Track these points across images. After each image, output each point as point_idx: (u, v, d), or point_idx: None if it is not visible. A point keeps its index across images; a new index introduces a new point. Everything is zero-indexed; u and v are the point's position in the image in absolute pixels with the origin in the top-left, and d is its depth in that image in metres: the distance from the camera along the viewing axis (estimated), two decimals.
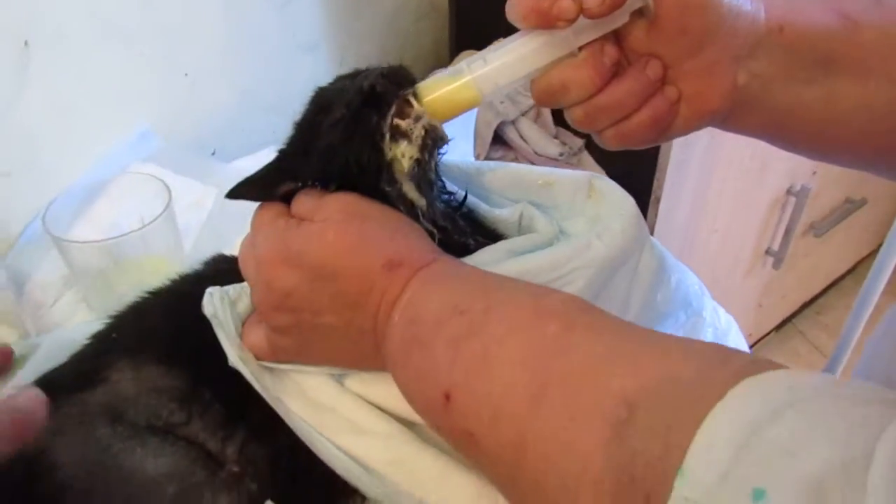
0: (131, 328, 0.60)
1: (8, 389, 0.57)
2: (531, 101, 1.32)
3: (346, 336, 0.50)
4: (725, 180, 1.44)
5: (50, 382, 0.57)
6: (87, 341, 0.61)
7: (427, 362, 0.43)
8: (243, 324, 0.57)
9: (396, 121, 0.50)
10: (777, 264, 1.70)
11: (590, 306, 0.41)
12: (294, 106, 0.57)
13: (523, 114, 1.30)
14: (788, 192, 1.58)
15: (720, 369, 0.32)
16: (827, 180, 1.65)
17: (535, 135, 1.28)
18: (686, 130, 0.53)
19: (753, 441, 0.27)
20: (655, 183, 1.30)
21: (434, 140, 0.51)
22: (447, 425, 0.41)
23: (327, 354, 0.52)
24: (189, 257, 0.78)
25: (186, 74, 0.99)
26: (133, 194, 0.83)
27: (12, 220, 0.85)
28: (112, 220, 0.79)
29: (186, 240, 0.84)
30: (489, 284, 0.45)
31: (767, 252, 1.70)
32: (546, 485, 0.35)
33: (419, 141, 0.50)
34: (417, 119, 0.50)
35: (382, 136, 0.50)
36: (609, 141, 0.52)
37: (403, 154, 0.50)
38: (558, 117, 1.35)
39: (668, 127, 0.52)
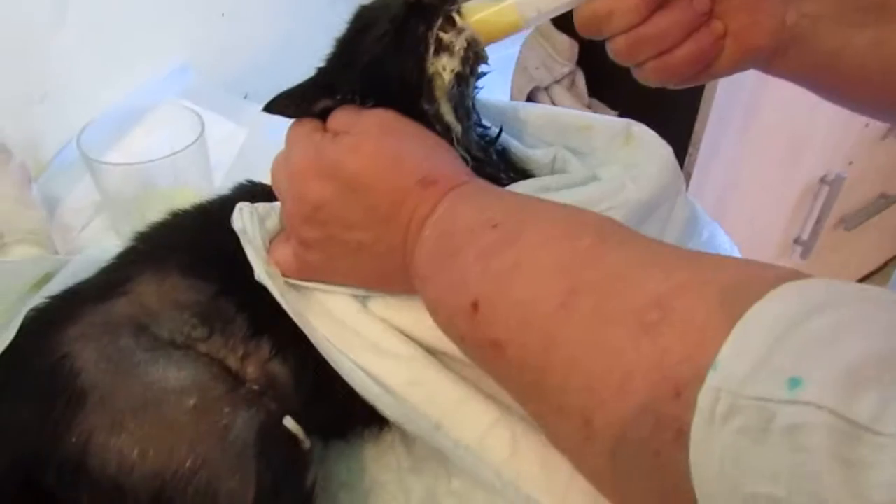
0: (157, 240, 0.60)
1: (37, 299, 0.58)
2: (566, 69, 1.31)
3: (374, 253, 0.49)
4: (759, 163, 1.41)
5: (76, 293, 0.58)
6: (113, 257, 0.61)
7: (456, 273, 0.42)
8: (271, 241, 0.57)
9: (440, 34, 0.50)
10: (805, 254, 1.67)
11: (623, 226, 0.40)
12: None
13: (557, 81, 1.29)
14: (822, 180, 1.55)
15: (760, 274, 0.31)
16: (862, 172, 1.62)
17: (568, 103, 1.27)
18: (729, 69, 0.51)
19: (791, 333, 0.26)
20: (688, 159, 1.28)
21: (475, 55, 0.50)
22: (473, 335, 0.41)
23: (354, 272, 0.52)
24: (218, 192, 0.78)
25: (223, 14, 0.99)
26: (166, 125, 0.82)
27: (46, 144, 0.85)
28: (144, 149, 0.79)
29: (216, 175, 0.84)
30: (523, 203, 0.44)
31: (796, 241, 1.67)
32: (571, 387, 0.34)
33: (461, 53, 0.50)
34: (460, 32, 0.49)
35: (427, 47, 0.50)
36: (649, 74, 0.51)
37: (445, 67, 0.50)
38: (593, 87, 1.34)
39: (712, 64, 0.51)
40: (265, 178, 0.59)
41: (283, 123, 0.56)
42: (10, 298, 0.62)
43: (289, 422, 0.51)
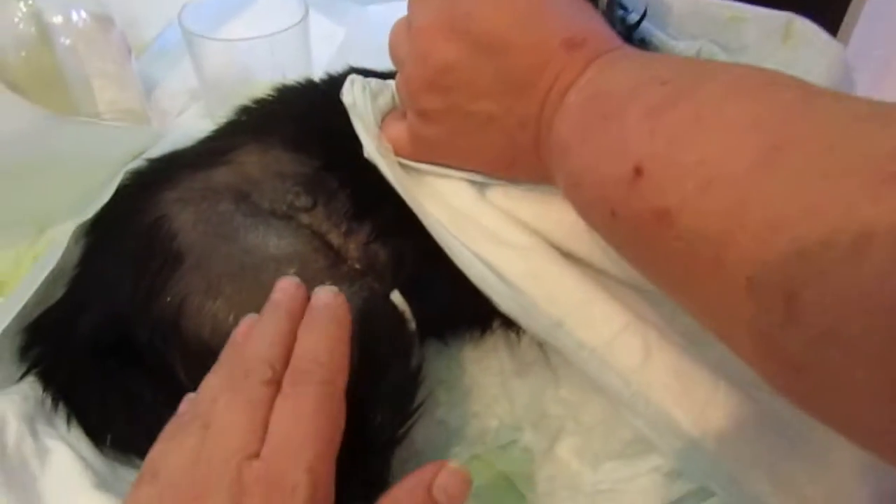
0: (261, 113, 0.55)
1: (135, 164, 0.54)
2: None
3: (502, 127, 0.43)
4: None
5: (174, 159, 0.54)
6: (215, 128, 0.57)
7: (612, 137, 0.36)
8: (383, 120, 0.52)
9: None
10: None
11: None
12: None
13: None
14: None
15: None
16: None
17: None
18: None
19: None
20: None
21: None
22: (631, 207, 0.34)
23: (476, 151, 0.46)
24: None
25: None
26: (269, 16, 0.78)
27: (147, 25, 0.82)
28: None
29: (315, 74, 0.80)
30: (695, 63, 0.38)
31: None
32: (770, 257, 0.28)
33: None
34: None
35: None
36: None
37: None
38: None
39: None
40: None
41: (382, 24, 0.51)
42: (107, 164, 0.59)
43: (396, 297, 0.47)
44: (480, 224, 0.47)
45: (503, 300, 0.45)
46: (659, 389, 0.41)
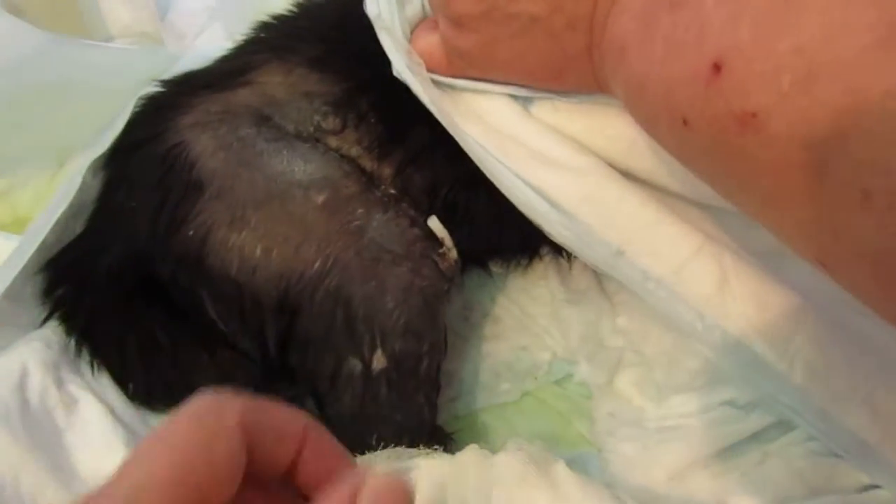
0: (283, 30, 0.49)
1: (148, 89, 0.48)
2: None
3: (548, 30, 0.36)
4: None
5: (189, 81, 0.48)
6: (233, 47, 0.51)
7: (683, 27, 0.29)
8: (412, 32, 0.45)
9: None
10: None
11: None
12: None
13: None
14: None
15: None
16: None
17: None
18: None
19: None
20: None
21: None
22: (709, 113, 0.28)
23: (519, 60, 0.39)
24: None
25: None
26: None
27: None
28: None
29: None
30: None
31: None
32: (889, 163, 0.22)
33: None
34: None
35: None
36: None
37: None
38: None
39: None
40: None
41: None
42: (122, 90, 0.53)
43: (434, 223, 0.41)
44: (526, 144, 0.41)
45: (554, 228, 0.39)
46: (737, 319, 0.36)
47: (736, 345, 0.36)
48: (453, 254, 0.43)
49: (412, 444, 0.38)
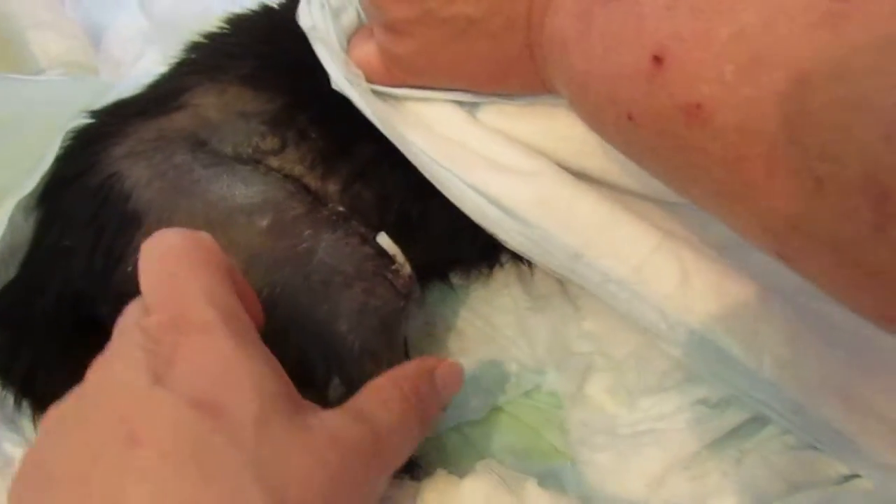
0: (213, 49, 0.46)
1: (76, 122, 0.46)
2: None
3: (486, 31, 0.35)
4: None
5: (120, 110, 0.46)
6: (163, 71, 0.49)
7: (620, 20, 0.28)
8: (349, 41, 0.43)
9: None
10: None
11: None
12: None
13: None
14: None
15: None
16: None
17: None
18: None
19: None
20: None
21: None
22: (652, 107, 0.27)
23: (458, 65, 0.37)
24: None
25: None
26: None
27: None
28: None
29: None
30: None
31: None
32: (840, 149, 0.21)
33: None
34: None
35: None
36: None
37: None
38: None
39: None
40: None
41: None
42: (53, 125, 0.51)
43: (383, 239, 0.40)
44: (474, 150, 0.39)
45: (509, 235, 0.38)
46: (701, 316, 0.34)
47: (701, 342, 0.34)
48: (407, 269, 0.41)
49: None
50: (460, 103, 0.40)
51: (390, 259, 0.41)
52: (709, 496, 0.36)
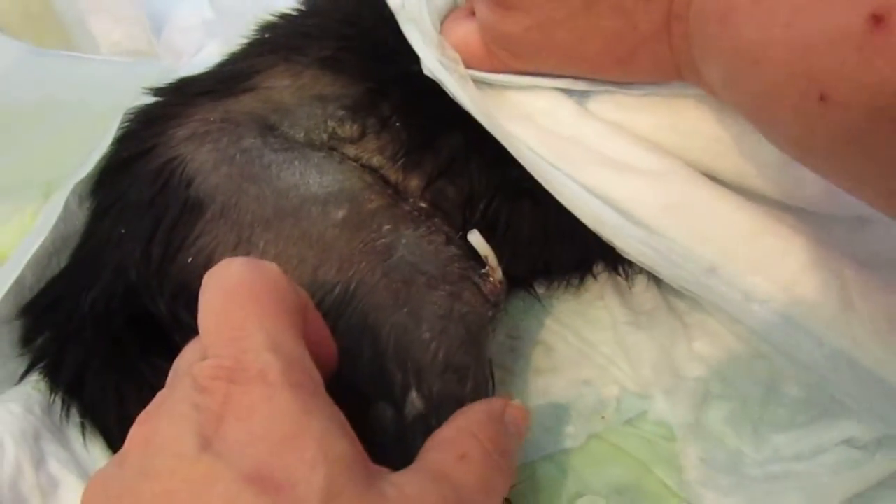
0: (289, 27, 0.38)
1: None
2: None
3: (616, 5, 0.27)
4: None
5: (184, 88, 0.38)
6: (233, 51, 0.41)
7: None
8: (442, 22, 0.35)
9: None
10: None
11: None
12: None
13: None
14: None
15: None
16: None
17: None
18: None
19: None
20: None
21: None
22: (862, 82, 0.19)
23: (576, 45, 0.29)
24: None
25: None
26: None
27: None
28: None
29: None
30: None
31: None
32: None
33: None
34: None
35: None
36: None
37: None
38: None
39: None
40: None
41: None
42: (113, 106, 0.43)
43: (476, 238, 0.31)
44: (588, 146, 0.31)
45: (629, 244, 0.29)
46: (868, 345, 0.26)
47: (868, 376, 0.26)
48: (498, 274, 0.33)
49: None
50: (569, 93, 0.32)
51: (480, 262, 0.33)
52: None
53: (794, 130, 0.24)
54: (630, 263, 0.34)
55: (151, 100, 0.37)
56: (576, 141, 0.31)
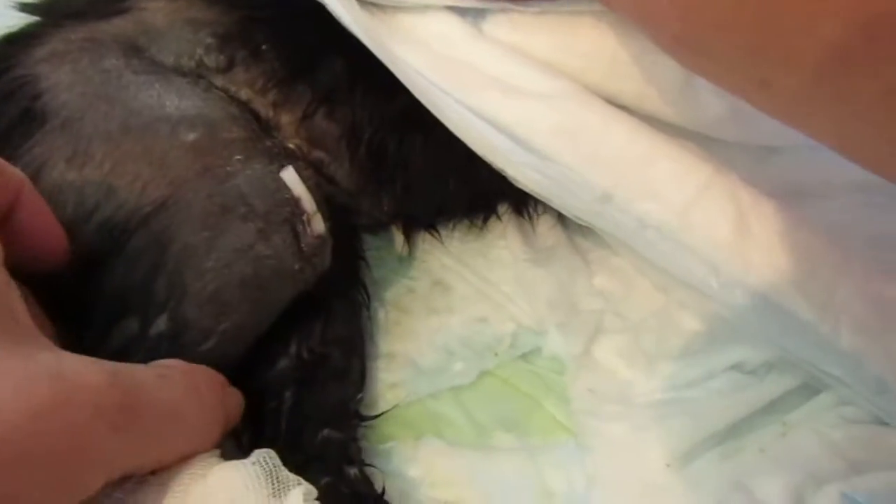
0: None
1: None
2: None
3: None
4: None
5: (53, 6, 0.31)
6: None
7: None
8: None
9: None
10: None
11: None
12: None
13: None
14: None
15: None
16: None
17: None
18: None
19: None
20: None
21: None
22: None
23: None
24: None
25: None
26: None
27: None
28: None
29: None
30: None
31: None
32: None
33: None
34: None
35: None
36: None
37: None
38: None
39: None
40: None
41: None
42: None
43: (289, 174, 0.25)
44: (480, 69, 0.25)
45: (521, 171, 0.24)
46: (763, 270, 0.22)
47: (762, 303, 0.22)
48: (319, 225, 0.26)
49: None
50: (462, 14, 0.27)
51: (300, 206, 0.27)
52: (747, 476, 0.24)
53: (674, 25, 0.19)
54: (535, 204, 0.30)
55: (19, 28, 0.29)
56: (468, 64, 0.26)
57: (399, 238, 0.32)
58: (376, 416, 0.27)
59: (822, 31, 0.15)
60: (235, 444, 0.24)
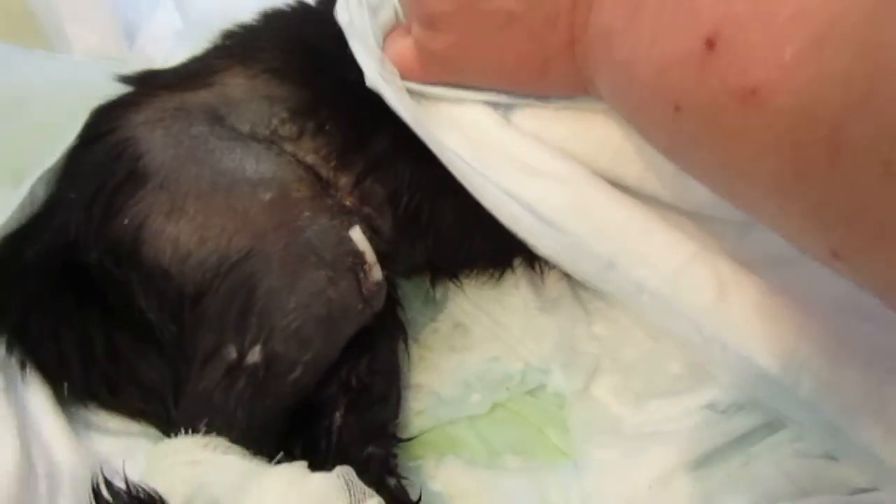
0: (247, 36, 0.34)
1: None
2: None
3: (526, 29, 0.24)
4: None
5: (148, 80, 0.33)
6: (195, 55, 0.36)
7: (673, 6, 0.19)
8: (385, 38, 0.33)
9: None
10: None
11: None
12: None
13: None
14: None
15: None
16: None
17: None
18: None
19: None
20: None
21: None
22: (703, 94, 0.18)
23: (495, 61, 0.26)
24: None
25: None
26: None
27: None
28: None
29: None
30: None
31: None
32: None
33: None
34: None
35: None
36: None
37: None
38: None
39: None
40: None
41: None
42: (83, 102, 0.38)
43: (356, 234, 0.28)
44: (507, 153, 0.28)
45: (540, 241, 0.27)
46: (738, 330, 0.24)
47: (737, 357, 0.25)
48: (376, 273, 0.28)
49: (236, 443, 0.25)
50: (494, 106, 0.30)
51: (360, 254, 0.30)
52: (713, 495, 0.26)
53: (661, 137, 0.22)
54: (544, 260, 0.33)
55: (118, 97, 0.32)
56: (497, 148, 0.28)
57: (426, 284, 0.34)
58: (410, 439, 0.28)
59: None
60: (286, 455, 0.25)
